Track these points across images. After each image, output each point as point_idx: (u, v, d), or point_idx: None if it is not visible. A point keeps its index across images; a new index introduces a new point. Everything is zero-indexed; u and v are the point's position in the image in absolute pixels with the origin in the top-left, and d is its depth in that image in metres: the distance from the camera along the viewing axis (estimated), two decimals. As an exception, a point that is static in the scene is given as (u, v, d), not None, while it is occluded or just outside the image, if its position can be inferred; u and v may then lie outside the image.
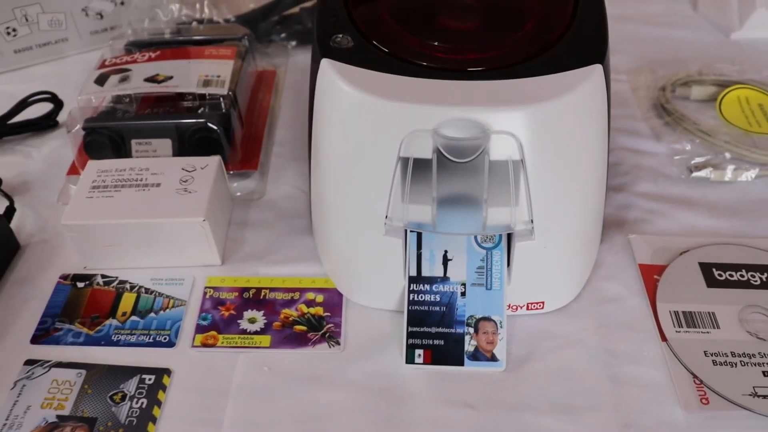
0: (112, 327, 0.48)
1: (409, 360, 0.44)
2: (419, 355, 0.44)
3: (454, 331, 0.45)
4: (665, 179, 0.58)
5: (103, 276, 0.51)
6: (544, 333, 0.47)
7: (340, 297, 0.49)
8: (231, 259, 0.53)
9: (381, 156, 0.42)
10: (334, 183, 0.46)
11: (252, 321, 0.48)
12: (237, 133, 0.58)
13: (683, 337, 0.46)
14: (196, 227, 0.49)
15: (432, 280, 0.46)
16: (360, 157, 0.44)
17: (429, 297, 0.46)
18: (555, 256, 0.46)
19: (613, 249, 0.52)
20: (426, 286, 0.46)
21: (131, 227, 0.49)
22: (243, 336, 0.47)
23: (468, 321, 0.45)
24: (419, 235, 0.46)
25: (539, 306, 0.47)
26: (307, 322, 0.48)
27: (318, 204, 0.50)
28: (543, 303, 0.47)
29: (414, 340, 0.45)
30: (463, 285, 0.46)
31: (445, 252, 0.46)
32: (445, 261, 0.46)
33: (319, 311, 0.49)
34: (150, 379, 0.45)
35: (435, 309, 0.45)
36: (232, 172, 0.58)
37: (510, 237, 0.46)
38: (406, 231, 0.45)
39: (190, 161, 0.53)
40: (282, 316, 0.48)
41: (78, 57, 0.75)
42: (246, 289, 0.50)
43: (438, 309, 0.45)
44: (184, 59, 0.61)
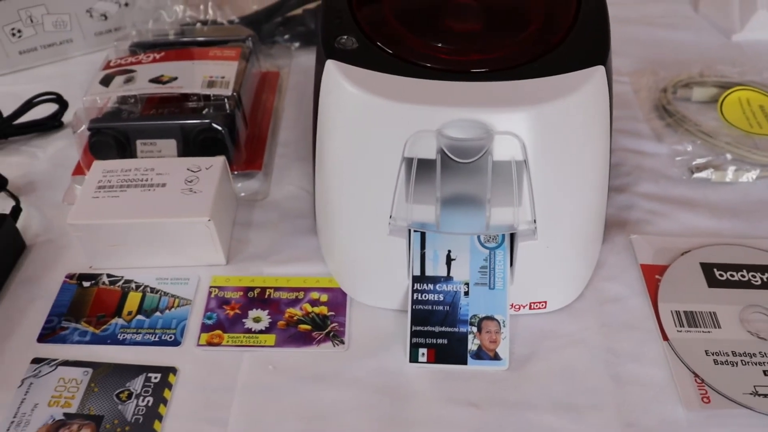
0: (117, 326, 0.48)
1: (413, 359, 0.45)
2: (423, 354, 0.45)
3: (457, 330, 0.45)
4: (667, 180, 0.58)
5: (109, 275, 0.51)
6: (546, 332, 0.47)
7: (344, 296, 0.50)
8: (236, 259, 0.53)
9: (385, 156, 0.42)
10: (338, 183, 0.46)
11: (257, 320, 0.48)
12: (241, 134, 0.59)
13: (684, 337, 0.46)
14: (201, 227, 0.49)
15: (435, 279, 0.46)
16: (364, 158, 0.44)
17: (432, 296, 0.46)
18: (557, 256, 0.46)
19: (615, 249, 0.52)
20: (429, 285, 0.46)
21: (137, 227, 0.49)
22: (248, 335, 0.47)
23: (471, 320, 0.45)
24: (423, 235, 0.46)
25: (542, 305, 0.48)
26: (312, 321, 0.48)
27: (322, 204, 0.50)
28: (545, 302, 0.48)
29: (418, 339, 0.45)
30: (467, 284, 0.46)
31: (449, 252, 0.46)
32: (449, 261, 0.46)
33: (324, 310, 0.49)
34: (156, 378, 0.45)
35: (438, 308, 0.46)
36: (236, 172, 0.58)
37: (513, 237, 0.46)
38: (410, 231, 0.45)
39: (195, 161, 0.53)
40: (286, 315, 0.49)
41: (83, 58, 0.76)
42: (251, 289, 0.50)
43: (441, 308, 0.46)
44: (188, 60, 0.61)
